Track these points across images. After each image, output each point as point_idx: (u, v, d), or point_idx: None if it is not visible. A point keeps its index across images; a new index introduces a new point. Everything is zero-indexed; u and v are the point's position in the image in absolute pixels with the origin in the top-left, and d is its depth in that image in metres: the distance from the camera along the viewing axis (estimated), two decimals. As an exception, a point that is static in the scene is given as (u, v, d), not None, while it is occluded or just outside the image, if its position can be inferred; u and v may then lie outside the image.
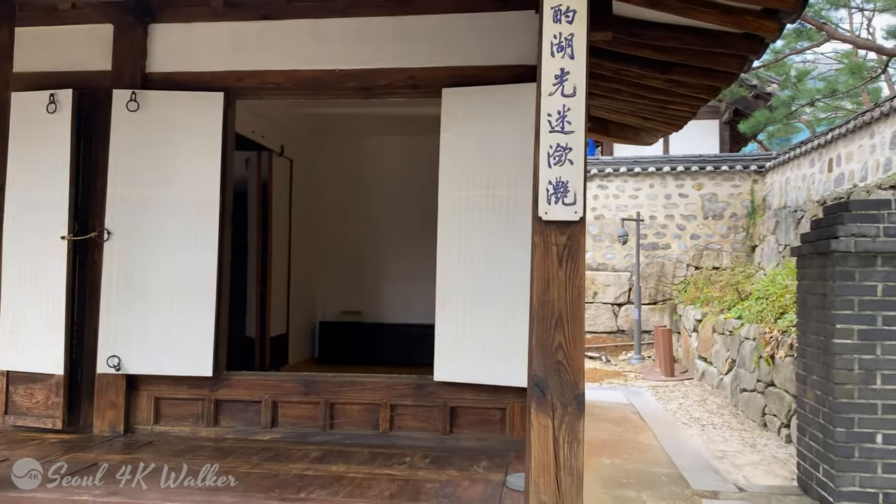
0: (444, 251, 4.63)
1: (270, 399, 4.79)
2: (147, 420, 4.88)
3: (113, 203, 4.84)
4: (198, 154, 4.84)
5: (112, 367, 4.75)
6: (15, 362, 4.86)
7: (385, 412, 4.69)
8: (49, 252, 4.82)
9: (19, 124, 4.92)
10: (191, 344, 4.76)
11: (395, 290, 9.03)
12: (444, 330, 4.59)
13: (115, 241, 4.82)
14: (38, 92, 4.91)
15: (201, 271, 4.79)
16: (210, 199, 4.82)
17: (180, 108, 4.86)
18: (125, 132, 4.85)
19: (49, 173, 4.85)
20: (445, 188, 4.64)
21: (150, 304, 4.79)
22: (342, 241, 9.10)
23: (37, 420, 4.82)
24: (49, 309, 4.81)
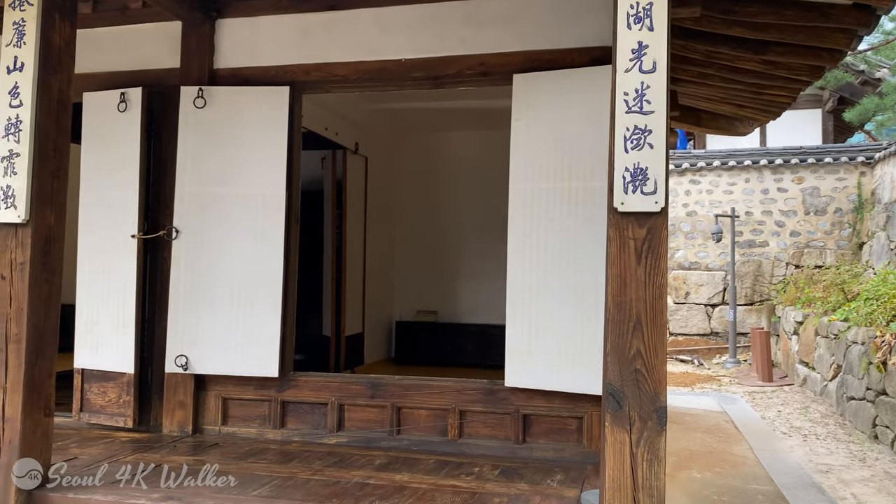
0: (515, 249, 4.34)
1: (336, 402, 4.64)
2: (215, 421, 4.82)
3: (181, 201, 4.80)
4: (264, 150, 4.74)
5: (180, 367, 4.71)
6: (89, 360, 4.90)
7: (454, 418, 4.45)
8: (120, 251, 4.83)
9: (93, 124, 4.99)
10: (257, 344, 4.67)
11: (472, 289, 8.79)
12: (515, 332, 4.31)
13: (182, 240, 4.78)
14: (110, 91, 4.93)
15: (267, 270, 4.69)
16: (276, 196, 4.71)
17: (246, 103, 4.78)
18: (192, 129, 4.81)
19: (120, 172, 4.86)
20: (516, 181, 4.36)
21: (217, 302, 4.72)
22: (418, 239, 8.94)
23: (109, 418, 4.84)
24: (120, 308, 4.82)
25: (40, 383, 3.50)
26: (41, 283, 3.49)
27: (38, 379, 3.48)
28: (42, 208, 3.50)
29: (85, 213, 4.95)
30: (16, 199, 3.44)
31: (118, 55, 5.08)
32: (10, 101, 3.48)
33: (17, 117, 3.46)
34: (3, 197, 3.45)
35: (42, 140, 3.50)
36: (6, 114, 3.48)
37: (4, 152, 3.47)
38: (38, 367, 3.47)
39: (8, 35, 3.51)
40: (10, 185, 3.45)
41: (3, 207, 3.45)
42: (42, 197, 3.50)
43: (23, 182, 3.44)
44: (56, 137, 3.58)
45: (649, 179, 2.81)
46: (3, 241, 3.48)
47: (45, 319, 3.51)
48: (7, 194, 3.45)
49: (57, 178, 3.59)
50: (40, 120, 3.49)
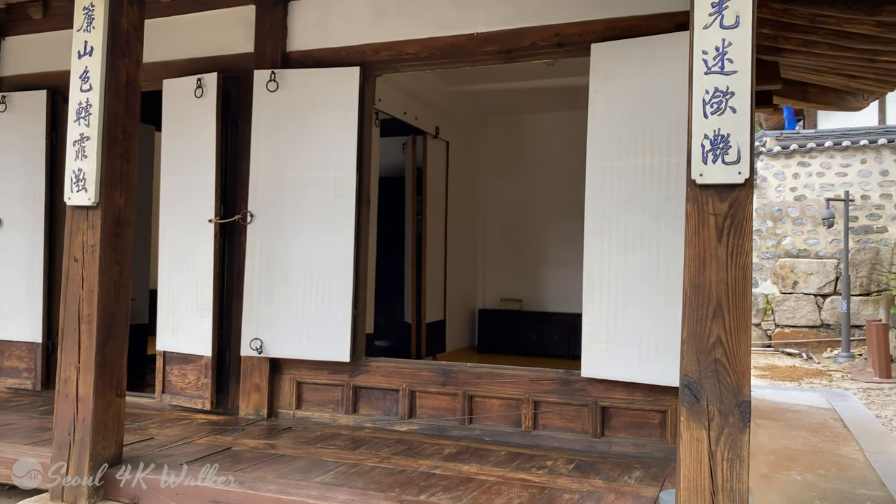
0: (592, 231, 4.08)
1: (408, 388, 4.53)
2: (289, 404, 4.82)
3: (255, 185, 4.81)
4: (334, 132, 4.67)
5: (254, 350, 4.73)
6: (170, 343, 5.01)
7: (528, 408, 4.25)
8: (198, 235, 4.89)
9: (171, 110, 5.07)
10: (329, 328, 4.62)
11: (557, 277, 8.52)
12: (593, 320, 4.05)
13: (257, 224, 4.79)
14: (187, 77, 4.99)
15: (339, 254, 4.63)
16: (347, 178, 4.64)
17: (317, 85, 4.72)
18: (265, 113, 4.80)
19: (197, 157, 4.92)
20: (593, 158, 4.08)
21: (290, 286, 4.70)
22: (503, 226, 8.73)
23: (188, 400, 4.92)
24: (199, 291, 4.89)
25: (112, 364, 3.55)
26: (111, 264, 3.54)
27: (109, 359, 3.53)
28: (111, 191, 3.55)
29: (165, 197, 5.05)
30: (86, 182, 3.49)
31: (195, 42, 5.14)
32: (80, 86, 3.53)
33: (87, 101, 3.52)
34: (74, 180, 3.52)
35: (111, 123, 3.54)
36: (77, 98, 3.53)
37: (75, 136, 3.53)
38: (109, 347, 3.53)
39: (78, 20, 3.56)
40: (81, 169, 3.51)
41: (74, 190, 3.52)
42: (111, 180, 3.55)
43: (93, 165, 3.49)
44: (125, 121, 3.62)
45: (731, 147, 2.51)
46: (75, 223, 3.55)
47: (115, 301, 3.56)
48: (78, 177, 3.51)
49: (126, 161, 3.62)
50: (109, 103, 3.53)
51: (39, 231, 5.46)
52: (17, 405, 5.17)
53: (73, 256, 3.53)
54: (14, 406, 5.13)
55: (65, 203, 3.59)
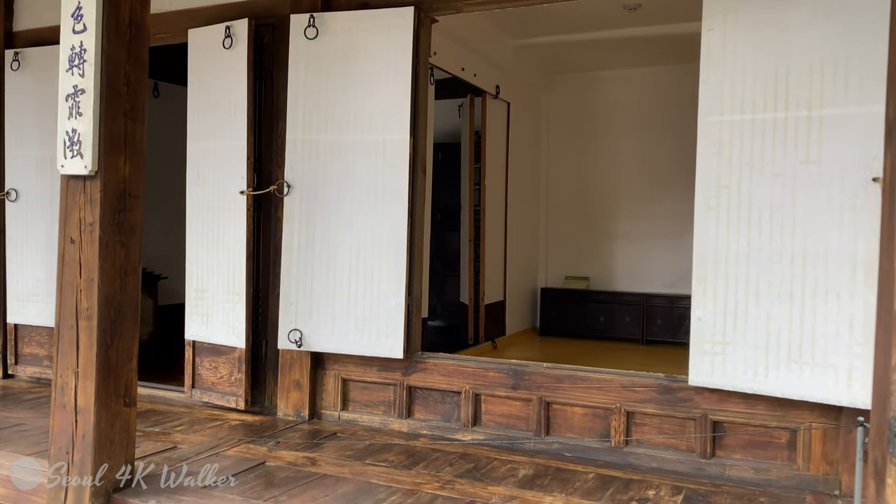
0: (705, 204, 3.27)
1: (471, 391, 3.82)
2: (334, 405, 4.17)
3: (293, 150, 4.11)
4: (384, 86, 3.93)
5: (293, 343, 4.07)
6: (199, 332, 4.39)
7: (619, 420, 3.50)
8: (229, 209, 4.24)
9: (197, 64, 4.39)
10: (379, 318, 3.93)
11: (630, 253, 7.68)
12: (706, 315, 3.26)
13: (295, 196, 4.11)
14: (214, 26, 4.30)
15: (390, 232, 3.92)
16: (398, 142, 3.90)
17: (364, 31, 3.97)
18: (304, 65, 4.08)
19: (227, 118, 4.24)
20: (708, 112, 3.25)
21: (334, 269, 4.02)
22: (568, 196, 7.91)
23: (220, 397, 4.32)
24: (230, 274, 4.25)
25: (117, 367, 2.92)
26: (114, 246, 2.89)
27: (114, 362, 2.90)
28: (113, 156, 2.88)
29: (192, 165, 4.40)
30: (82, 145, 2.84)
31: (224, -15, 4.44)
32: (72, 26, 2.87)
33: (80, 45, 2.85)
34: (68, 144, 2.86)
35: (111, 72, 2.87)
36: (68, 41, 2.87)
37: (68, 89, 2.87)
38: (113, 348, 2.89)
39: (69, -56, 2.88)
40: (76, 129, 2.85)
41: (68, 156, 2.87)
42: (113, 142, 2.88)
43: (89, 125, 2.83)
44: (128, 69, 2.94)
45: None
46: (70, 197, 2.91)
47: (120, 291, 2.91)
48: (72, 140, 2.85)
49: (131, 120, 2.95)
50: (108, 48, 2.85)
51: (58, 203, 4.88)
52: (34, 398, 4.65)
53: (68, 237, 2.89)
54: (31, 399, 4.61)
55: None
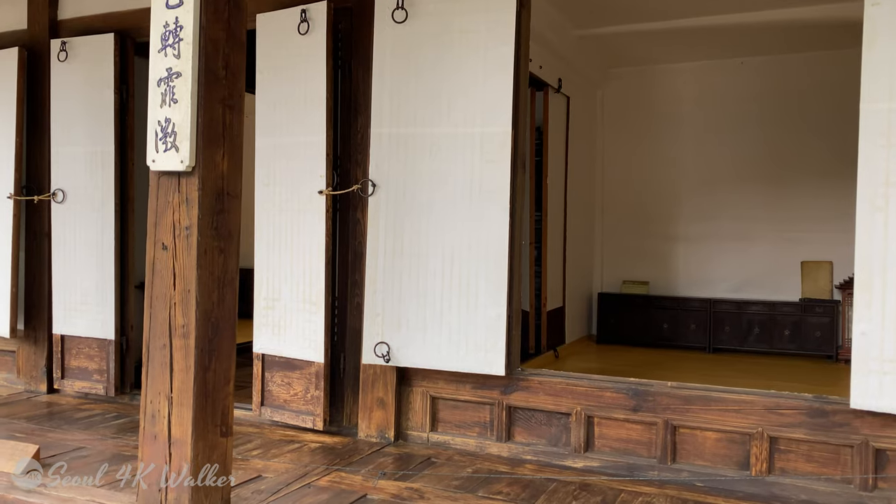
0: (869, 203, 2.88)
1: (583, 412, 3.44)
2: (421, 425, 3.80)
3: (378, 146, 3.74)
4: (482, 76, 3.55)
5: (380, 357, 3.70)
6: (270, 344, 4.02)
7: (760, 446, 3.11)
8: (305, 210, 3.87)
9: (269, 52, 4.03)
10: (476, 330, 3.55)
11: (693, 256, 7.29)
12: (870, 328, 2.87)
13: (380, 196, 3.73)
14: (287, 10, 3.93)
15: (488, 234, 3.54)
16: (498, 135, 3.53)
17: (459, 14, 3.60)
18: (390, 52, 3.71)
19: (302, 112, 3.88)
20: (873, 98, 2.86)
21: (425, 276, 3.64)
22: (627, 196, 7.52)
23: (294, 416, 3.94)
24: (306, 281, 3.88)
25: (215, 392, 2.55)
26: (212, 253, 2.51)
27: (211, 387, 2.53)
28: (212, 150, 2.51)
29: (261, 164, 4.03)
30: (177, 137, 2.46)
31: (296, -35, 4.07)
32: (166, 0, 2.49)
33: (175, 22, 2.47)
34: (161, 135, 2.49)
35: (210, 54, 2.49)
36: (162, 17, 2.50)
37: (161, 72, 2.50)
38: (211, 370, 2.52)
39: None
40: (170, 118, 2.47)
41: (160, 149, 2.49)
42: (212, 134, 2.51)
43: (186, 114, 2.45)
44: (227, 50, 2.56)
45: None
46: (162, 196, 2.53)
47: (218, 305, 2.54)
48: (166, 131, 2.48)
49: (230, 109, 2.58)
50: (206, 24, 2.48)
51: (109, 204, 4.52)
52: (86, 416, 4.28)
53: (160, 243, 2.52)
54: (84, 418, 4.24)
55: (135, 169, 2.58)
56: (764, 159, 6.90)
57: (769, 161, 6.88)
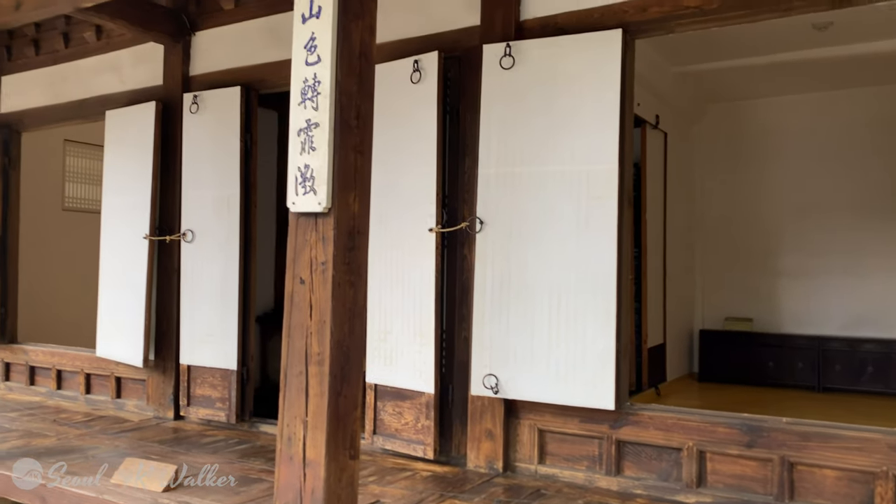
0: None
1: (695, 447, 3.44)
2: (529, 457, 3.87)
3: (485, 185, 3.91)
4: (587, 115, 3.69)
5: (489, 389, 3.82)
6: (382, 375, 4.21)
7: (886, 486, 3.03)
8: (414, 247, 4.07)
9: (382, 99, 4.27)
10: (584, 364, 3.62)
11: (799, 292, 7.10)
12: None
13: (487, 232, 3.89)
14: (401, 60, 4.20)
15: (595, 270, 3.63)
16: (604, 173, 3.63)
17: (563, 57, 3.76)
18: (498, 96, 3.90)
19: (412, 153, 4.10)
20: None
21: (532, 310, 3.75)
22: (727, 230, 7.44)
23: (405, 445, 4.10)
24: (416, 315, 4.06)
25: (345, 416, 2.73)
26: (345, 287, 2.72)
27: (342, 411, 2.71)
28: (345, 193, 2.73)
29: (374, 202, 4.25)
30: (315, 181, 2.70)
31: (407, 19, 4.34)
32: (306, 58, 2.75)
33: (314, 77, 2.73)
34: (300, 180, 2.73)
35: (343, 105, 2.73)
36: (301, 74, 2.76)
37: (300, 123, 2.75)
38: (343, 395, 2.71)
39: (303, -25, 2.79)
40: (308, 165, 2.72)
41: (300, 193, 2.73)
42: (345, 178, 2.73)
43: (323, 160, 2.69)
44: (359, 101, 2.80)
45: None
46: (300, 235, 2.77)
47: (349, 335, 2.73)
48: (305, 176, 2.72)
49: (361, 154, 2.81)
50: (341, 79, 2.72)
51: (234, 244, 4.87)
52: (211, 442, 4.57)
53: (298, 277, 2.75)
54: (209, 443, 4.53)
55: (257, 211, 2.82)
56: (877, 190, 6.69)
57: (882, 192, 6.67)
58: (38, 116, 6.26)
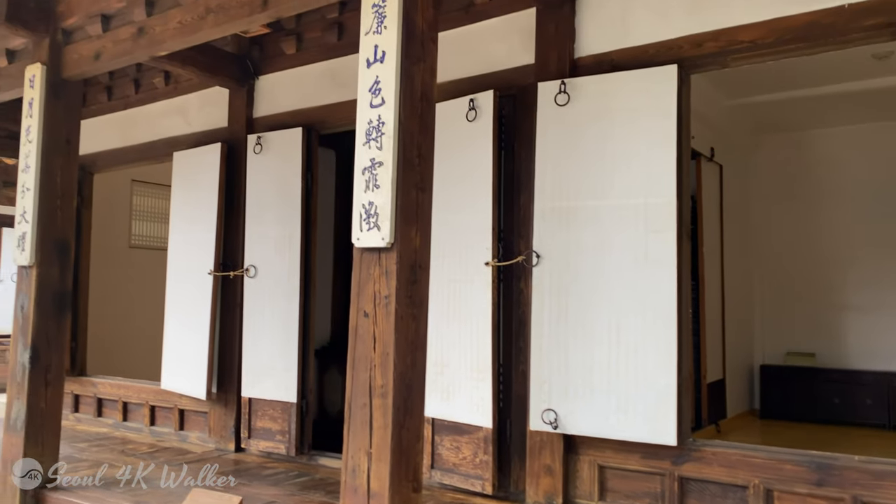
0: None
1: (762, 485, 3.36)
2: (589, 493, 3.83)
3: (541, 219, 3.96)
4: (644, 149, 3.71)
5: (548, 424, 3.81)
6: (439, 409, 4.24)
7: (966, 529, 2.91)
8: (471, 281, 4.12)
9: (439, 137, 4.37)
10: (646, 399, 3.59)
11: (864, 326, 6.89)
12: None
13: (544, 266, 3.92)
14: (457, 100, 4.31)
15: (654, 302, 3.61)
16: (661, 206, 3.64)
17: (618, 93, 3.80)
18: (553, 132, 3.96)
19: (469, 189, 4.18)
20: None
21: (591, 344, 3.75)
22: (787, 262, 7.29)
23: (463, 479, 4.10)
24: (473, 348, 4.09)
25: (408, 449, 2.77)
26: (407, 320, 2.78)
27: (406, 444, 2.75)
28: (407, 228, 2.82)
29: (433, 238, 4.34)
30: (378, 217, 2.79)
31: (462, 60, 4.46)
32: (370, 101, 2.87)
33: (378, 119, 2.83)
34: (364, 216, 2.83)
35: (406, 144, 2.83)
36: (366, 116, 2.87)
37: (365, 162, 2.85)
38: (406, 428, 2.75)
39: (367, 21, 2.92)
40: (372, 202, 2.81)
41: (364, 229, 2.82)
42: (407, 214, 2.82)
43: (386, 197, 2.78)
44: (420, 141, 2.90)
45: None
46: (364, 269, 2.85)
47: (411, 367, 2.79)
48: (369, 212, 2.81)
49: (422, 191, 2.89)
50: (404, 120, 2.83)
51: (294, 279, 5.00)
52: (272, 474, 4.65)
53: (362, 310, 2.82)
54: (270, 475, 4.61)
55: (316, 247, 2.91)
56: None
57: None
58: (109, 158, 6.58)
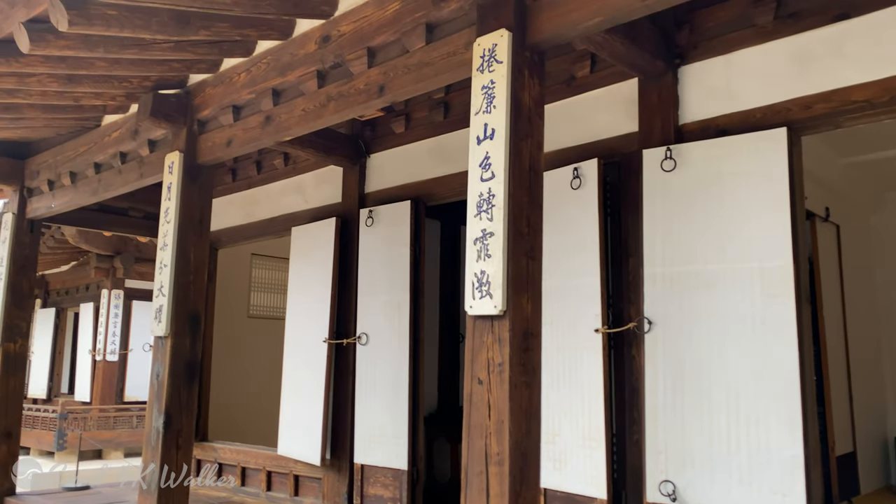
0: None
1: (906, 569, 3.11)
2: (712, 572, 3.65)
3: (651, 285, 3.93)
4: (756, 212, 3.66)
5: (665, 496, 3.69)
6: (552, 479, 4.19)
7: None
8: (582, 348, 4.12)
9: (545, 205, 4.48)
10: (769, 472, 3.43)
11: None
12: None
13: (656, 333, 3.87)
14: (561, 169, 4.40)
15: (774, 369, 3.49)
16: (777, 269, 3.55)
17: (726, 157, 3.79)
18: (660, 197, 3.97)
19: (576, 256, 4.22)
20: None
21: (709, 413, 3.64)
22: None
23: (579, 553, 4.00)
24: (585, 416, 4.05)
25: (525, 518, 2.77)
26: (520, 388, 2.83)
27: (522, 512, 2.76)
28: (518, 296, 2.89)
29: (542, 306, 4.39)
30: (490, 286, 2.88)
31: (566, 130, 4.57)
32: (481, 175, 3.01)
33: (489, 192, 2.96)
34: (477, 285, 2.93)
35: (516, 215, 2.94)
36: (477, 189, 3.00)
37: (477, 233, 2.98)
38: (521, 497, 2.76)
39: (476, 101, 3.09)
40: (485, 271, 2.91)
41: (477, 297, 2.92)
42: (518, 282, 2.90)
43: (498, 266, 2.88)
44: (529, 211, 3.00)
45: None
46: (477, 337, 2.94)
47: (526, 436, 2.82)
48: (481, 281, 2.91)
49: (532, 260, 2.97)
50: (513, 192, 2.94)
51: (404, 346, 5.14)
52: (385, 541, 4.69)
53: (476, 378, 2.89)
54: (383, 542, 4.65)
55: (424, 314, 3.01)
56: None
57: None
58: (233, 234, 7.05)
